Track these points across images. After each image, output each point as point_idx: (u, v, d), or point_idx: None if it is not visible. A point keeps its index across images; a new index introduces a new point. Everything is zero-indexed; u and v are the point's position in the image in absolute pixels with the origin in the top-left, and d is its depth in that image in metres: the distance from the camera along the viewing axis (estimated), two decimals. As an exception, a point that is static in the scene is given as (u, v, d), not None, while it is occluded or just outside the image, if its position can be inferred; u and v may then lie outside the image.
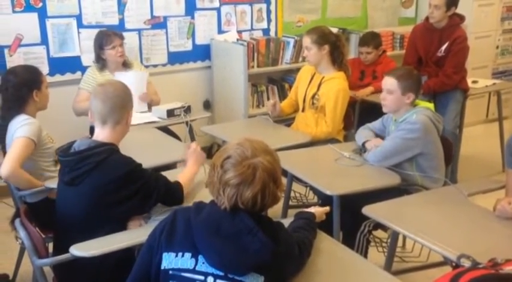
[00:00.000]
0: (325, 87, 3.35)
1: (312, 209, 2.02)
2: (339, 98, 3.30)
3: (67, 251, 1.92)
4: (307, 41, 3.34)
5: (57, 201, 2.19)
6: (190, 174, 2.33)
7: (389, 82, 2.71)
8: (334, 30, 4.80)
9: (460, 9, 4.02)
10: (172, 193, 2.16)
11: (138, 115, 3.54)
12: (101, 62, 3.68)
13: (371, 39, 4.36)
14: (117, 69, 3.69)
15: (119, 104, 2.12)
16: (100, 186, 1.99)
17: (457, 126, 4.18)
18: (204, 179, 2.32)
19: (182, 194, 2.19)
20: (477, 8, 5.27)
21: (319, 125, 3.38)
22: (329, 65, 3.38)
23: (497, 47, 5.63)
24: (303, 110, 3.50)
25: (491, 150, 4.73)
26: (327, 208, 2.09)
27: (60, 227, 2.18)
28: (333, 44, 3.35)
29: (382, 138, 2.88)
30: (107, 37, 3.61)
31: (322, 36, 3.32)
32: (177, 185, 2.19)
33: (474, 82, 4.51)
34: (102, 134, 2.12)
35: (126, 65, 3.75)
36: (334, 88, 3.31)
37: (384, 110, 2.81)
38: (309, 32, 3.39)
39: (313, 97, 3.40)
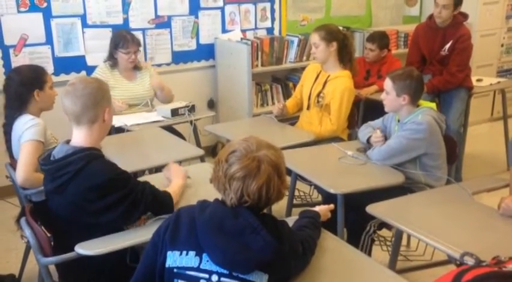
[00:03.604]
0: (330, 86, 3.35)
1: (316, 208, 2.03)
2: (344, 96, 3.31)
3: (66, 251, 1.93)
4: (315, 37, 3.35)
5: (49, 206, 2.12)
6: (178, 186, 2.26)
7: (386, 83, 2.74)
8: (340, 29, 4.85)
9: (464, 8, 4.01)
10: (161, 202, 2.08)
11: (143, 115, 3.57)
12: (112, 60, 3.70)
13: (377, 38, 4.35)
14: (127, 71, 3.72)
15: (91, 101, 1.98)
16: (81, 194, 1.92)
17: (462, 124, 4.18)
18: (200, 181, 2.35)
19: (172, 204, 2.12)
20: (482, 6, 5.26)
21: (324, 124, 3.38)
22: (336, 63, 3.38)
23: (502, 45, 5.61)
24: (307, 108, 3.51)
25: (496, 148, 4.72)
26: (331, 206, 2.09)
27: (55, 229, 2.16)
28: (341, 42, 3.36)
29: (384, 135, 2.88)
30: (125, 41, 3.62)
31: (331, 33, 3.34)
32: (166, 195, 2.12)
33: (479, 80, 4.50)
34: (79, 137, 2.01)
35: (136, 68, 3.78)
36: (340, 87, 3.31)
37: (385, 109, 2.81)
38: (317, 29, 3.40)
39: (318, 95, 3.40)
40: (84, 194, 1.92)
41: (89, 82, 2.05)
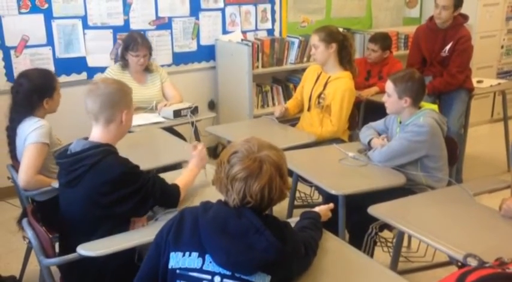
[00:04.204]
0: (331, 87, 3.35)
1: (316, 209, 2.03)
2: (345, 97, 3.31)
3: (72, 251, 1.93)
4: (314, 39, 3.36)
5: (59, 202, 2.19)
6: (190, 176, 2.30)
7: (388, 85, 2.73)
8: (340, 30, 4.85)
9: (464, 9, 4.02)
10: (168, 196, 2.14)
11: (144, 115, 3.56)
12: (123, 61, 3.69)
13: (380, 39, 4.36)
14: (137, 73, 3.71)
15: (109, 101, 2.06)
16: (95, 188, 1.98)
17: (462, 126, 4.18)
18: (204, 182, 2.35)
19: (178, 198, 2.17)
20: (482, 7, 5.26)
21: (324, 125, 3.38)
22: (336, 64, 3.39)
23: (502, 47, 5.62)
24: (308, 109, 3.51)
25: (496, 150, 4.73)
26: (331, 205, 2.09)
27: (63, 227, 2.19)
28: (341, 43, 3.36)
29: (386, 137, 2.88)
30: (135, 44, 3.59)
31: (330, 35, 3.34)
32: (175, 189, 2.17)
33: (479, 82, 4.51)
34: (96, 134, 2.09)
35: (147, 70, 3.76)
36: (341, 88, 3.31)
37: (387, 111, 2.81)
38: (317, 31, 3.41)
39: (319, 96, 3.40)
40: (98, 187, 1.97)
41: (110, 83, 2.14)
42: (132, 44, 3.61)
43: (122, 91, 2.13)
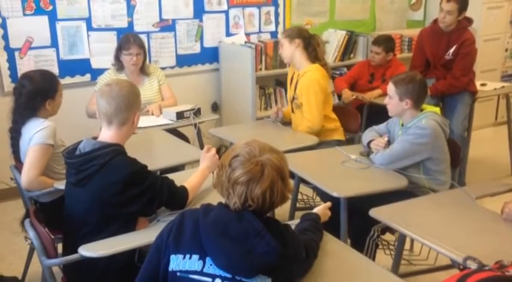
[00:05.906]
0: (300, 84, 3.36)
1: (314, 210, 2.03)
2: (310, 91, 3.28)
3: (76, 251, 1.94)
4: (280, 37, 3.42)
5: (65, 201, 2.21)
6: (199, 178, 2.30)
7: (389, 87, 2.74)
8: (342, 32, 4.86)
9: (469, 12, 4.01)
10: (175, 198, 2.15)
11: (147, 117, 3.56)
12: (119, 63, 3.71)
13: (383, 41, 4.36)
14: (133, 75, 3.71)
15: (124, 104, 2.09)
16: (105, 187, 2.00)
17: (466, 129, 4.17)
18: (205, 184, 2.36)
19: (185, 201, 2.18)
20: (486, 10, 5.25)
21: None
22: (303, 59, 3.37)
23: (506, 50, 5.60)
24: (292, 111, 3.51)
25: (499, 153, 4.72)
26: (328, 204, 2.09)
27: (68, 226, 2.20)
28: (306, 40, 3.35)
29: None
30: (127, 42, 3.61)
31: (294, 31, 3.39)
32: (183, 191, 2.18)
33: (483, 85, 4.49)
34: (107, 134, 2.11)
35: (143, 72, 3.76)
36: (305, 82, 3.30)
37: (389, 113, 2.81)
38: (283, 31, 3.51)
39: (294, 98, 3.41)
40: (108, 186, 1.99)
41: (124, 85, 2.15)
42: (124, 42, 3.63)
43: (134, 93, 2.16)
